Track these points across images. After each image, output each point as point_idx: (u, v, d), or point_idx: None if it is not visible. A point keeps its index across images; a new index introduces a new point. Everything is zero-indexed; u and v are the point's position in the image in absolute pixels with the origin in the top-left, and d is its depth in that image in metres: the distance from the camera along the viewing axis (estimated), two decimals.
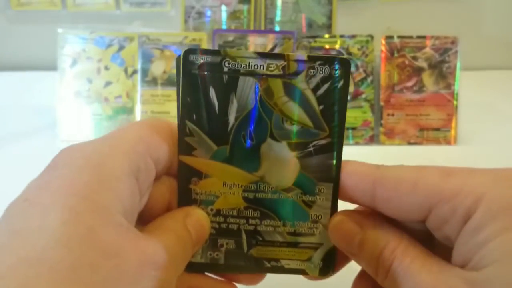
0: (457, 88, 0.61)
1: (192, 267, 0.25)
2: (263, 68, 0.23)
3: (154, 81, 0.63)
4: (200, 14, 0.74)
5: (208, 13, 0.74)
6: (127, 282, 0.18)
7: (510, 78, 0.78)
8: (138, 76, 0.63)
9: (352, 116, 0.61)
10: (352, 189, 0.23)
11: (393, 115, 0.61)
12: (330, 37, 0.63)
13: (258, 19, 0.74)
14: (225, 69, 0.23)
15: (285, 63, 0.23)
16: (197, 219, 0.24)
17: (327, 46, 0.62)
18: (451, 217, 0.21)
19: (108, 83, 0.63)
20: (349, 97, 0.61)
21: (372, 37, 0.62)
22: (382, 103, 0.61)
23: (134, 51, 0.63)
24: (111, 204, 0.19)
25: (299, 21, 0.74)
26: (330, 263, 0.25)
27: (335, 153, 0.24)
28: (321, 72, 0.23)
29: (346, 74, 0.23)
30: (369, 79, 0.62)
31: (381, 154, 0.60)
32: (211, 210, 0.25)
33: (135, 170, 0.21)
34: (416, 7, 0.79)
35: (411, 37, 0.61)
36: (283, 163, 0.24)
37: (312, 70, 0.23)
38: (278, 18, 0.74)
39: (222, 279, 0.26)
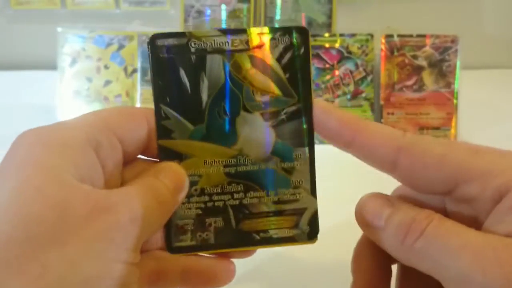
0: (457, 87, 0.61)
1: (183, 250, 0.25)
2: (229, 45, 0.24)
3: None
4: (200, 13, 0.74)
5: (208, 12, 0.74)
6: (75, 229, 0.18)
7: (510, 77, 0.78)
8: (138, 75, 0.63)
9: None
10: (375, 151, 0.23)
11: (393, 114, 0.61)
12: (330, 36, 0.63)
13: (258, 18, 0.74)
14: (192, 50, 0.24)
15: (248, 37, 0.25)
16: (169, 169, 0.24)
17: (327, 45, 0.62)
18: (479, 196, 0.21)
19: (107, 82, 0.63)
20: (349, 96, 0.61)
21: (372, 36, 0.62)
22: (382, 102, 0.61)
23: (134, 50, 0.63)
24: (60, 165, 0.20)
25: (299, 20, 0.73)
26: (316, 226, 0.26)
27: (304, 117, 0.25)
28: (282, 42, 0.25)
29: (306, 41, 0.25)
30: (369, 78, 0.62)
31: None
32: (195, 190, 0.25)
33: (94, 142, 0.21)
34: (416, 5, 0.79)
35: (411, 35, 0.61)
36: (259, 134, 0.25)
37: (274, 41, 0.25)
38: (277, 17, 0.74)
39: (217, 256, 0.26)
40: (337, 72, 0.62)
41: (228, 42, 0.24)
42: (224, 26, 0.73)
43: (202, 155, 0.25)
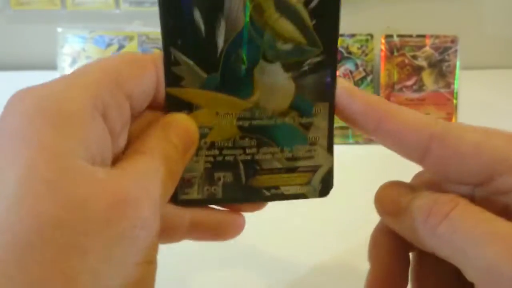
0: (457, 87, 0.61)
1: (189, 203, 0.24)
2: None
3: None
4: None
5: None
6: (95, 232, 0.16)
7: (510, 77, 0.78)
8: None
9: None
10: (404, 138, 0.21)
11: None
12: None
13: None
14: None
15: None
16: (179, 125, 0.22)
17: None
18: None
19: None
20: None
21: (371, 36, 0.62)
22: None
23: (134, 50, 0.63)
24: (69, 150, 0.17)
25: None
26: (329, 184, 0.25)
27: (329, 70, 0.23)
28: None
29: None
30: (368, 78, 0.62)
31: (381, 153, 0.59)
32: (205, 143, 0.23)
33: (101, 107, 0.19)
34: (416, 6, 0.79)
35: (410, 36, 0.61)
36: (278, 86, 0.23)
37: None
38: None
39: (227, 210, 0.25)
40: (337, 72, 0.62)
41: None
42: None
43: (214, 106, 0.23)
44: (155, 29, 0.64)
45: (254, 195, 0.24)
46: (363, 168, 0.52)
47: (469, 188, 0.21)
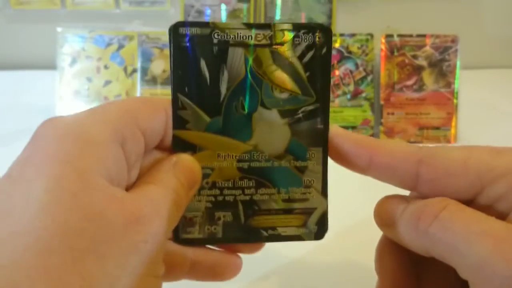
0: (457, 87, 0.61)
1: (190, 242, 0.25)
2: (251, 39, 0.24)
3: (153, 80, 0.63)
4: (200, 13, 0.74)
5: (208, 12, 0.74)
6: (113, 241, 0.18)
7: (510, 76, 0.78)
8: (138, 75, 0.63)
9: (352, 115, 0.61)
10: (394, 168, 0.23)
11: (393, 114, 0.61)
12: None
13: (258, 17, 0.74)
14: (215, 41, 0.24)
15: (272, 32, 0.24)
16: (185, 165, 0.23)
17: None
18: (506, 194, 0.20)
19: (107, 82, 0.63)
20: (349, 96, 0.61)
21: (372, 35, 0.62)
22: (382, 102, 0.61)
23: (134, 50, 0.63)
24: (93, 168, 0.19)
25: (299, 20, 0.73)
26: (325, 226, 0.26)
27: (322, 117, 0.25)
28: (305, 40, 0.24)
29: (328, 41, 0.25)
30: (369, 78, 0.62)
31: None
32: (207, 183, 0.25)
33: (120, 138, 0.21)
34: (416, 5, 0.79)
35: (411, 35, 0.61)
36: (275, 131, 0.25)
37: (297, 39, 0.24)
38: (277, 17, 0.74)
39: (225, 251, 0.26)
40: (337, 72, 0.62)
41: (251, 36, 0.24)
42: None
43: (216, 148, 0.25)
44: (155, 29, 0.64)
45: (252, 236, 0.25)
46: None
47: (464, 202, 0.22)
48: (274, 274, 0.36)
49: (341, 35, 0.63)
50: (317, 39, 0.24)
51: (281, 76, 0.25)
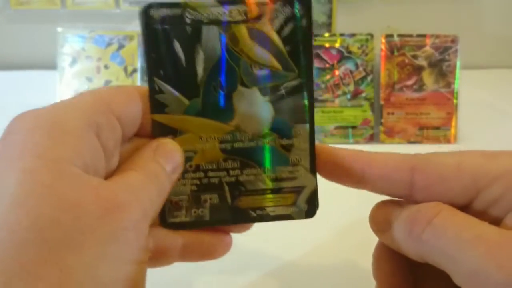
0: (457, 87, 0.61)
1: (178, 226, 0.25)
2: (226, 15, 0.23)
3: None
4: None
5: None
6: (90, 231, 0.18)
7: (510, 76, 0.78)
8: (138, 75, 0.63)
9: (352, 115, 0.61)
10: (388, 178, 0.23)
11: (393, 113, 0.61)
12: (330, 35, 0.63)
13: None
14: (187, 21, 0.23)
15: (247, 7, 0.23)
16: (166, 149, 0.23)
17: (327, 45, 0.62)
18: (502, 196, 0.20)
19: (107, 82, 0.63)
20: (349, 96, 0.61)
21: (372, 35, 0.62)
22: (382, 102, 0.61)
23: (134, 50, 0.63)
24: (66, 158, 0.19)
25: None
26: (315, 204, 0.25)
27: (305, 92, 0.24)
28: (283, 12, 0.23)
29: (308, 12, 0.24)
30: (369, 78, 0.62)
31: None
32: (190, 166, 0.24)
33: (94, 126, 0.20)
34: (416, 5, 0.79)
35: (411, 35, 0.61)
36: (257, 109, 0.24)
37: (274, 12, 0.23)
38: None
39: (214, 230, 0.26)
40: (337, 72, 0.62)
41: (225, 13, 0.23)
42: None
43: (197, 130, 0.24)
44: None
45: (240, 217, 0.25)
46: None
47: (459, 208, 0.22)
48: (272, 274, 0.36)
49: (341, 35, 0.63)
50: (296, 10, 0.23)
51: (260, 52, 0.24)
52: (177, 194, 0.24)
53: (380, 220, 0.24)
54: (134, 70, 0.63)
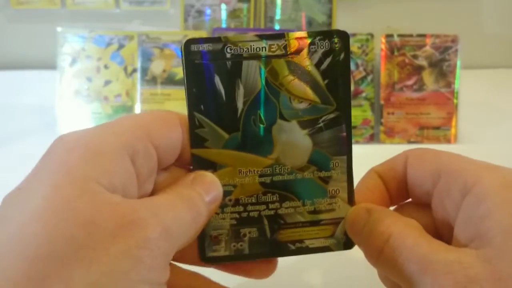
0: (457, 87, 0.61)
1: (217, 260, 0.25)
2: (265, 50, 0.24)
3: (153, 80, 0.63)
4: (200, 12, 0.74)
5: (208, 11, 0.74)
6: (102, 247, 0.18)
7: (510, 76, 0.77)
8: (138, 75, 0.63)
9: (352, 114, 0.61)
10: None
11: (393, 113, 0.61)
12: None
13: (258, 17, 0.74)
14: (228, 55, 0.23)
15: (286, 42, 0.24)
16: (204, 180, 0.23)
17: None
18: (450, 190, 0.22)
19: (107, 82, 0.63)
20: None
21: (372, 35, 0.62)
22: (382, 102, 0.61)
23: (134, 50, 0.63)
24: (91, 176, 0.19)
25: (299, 20, 0.73)
26: None
27: (344, 125, 0.25)
28: (321, 47, 0.24)
29: (346, 46, 0.24)
30: (369, 78, 0.62)
31: (381, 153, 0.59)
32: (229, 200, 0.24)
33: (130, 150, 0.21)
34: (416, 5, 0.79)
35: (411, 35, 0.61)
36: (296, 142, 0.24)
37: (313, 46, 0.24)
38: (278, 17, 0.74)
39: (220, 284, 0.26)
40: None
41: (265, 47, 0.23)
42: (224, 25, 0.73)
43: (237, 164, 0.24)
44: (154, 29, 0.64)
45: (279, 250, 0.25)
46: (363, 168, 0.52)
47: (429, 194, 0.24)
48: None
49: None
50: (334, 44, 0.24)
51: (299, 86, 0.24)
52: (216, 228, 0.24)
53: (348, 226, 0.25)
54: (134, 70, 0.63)
